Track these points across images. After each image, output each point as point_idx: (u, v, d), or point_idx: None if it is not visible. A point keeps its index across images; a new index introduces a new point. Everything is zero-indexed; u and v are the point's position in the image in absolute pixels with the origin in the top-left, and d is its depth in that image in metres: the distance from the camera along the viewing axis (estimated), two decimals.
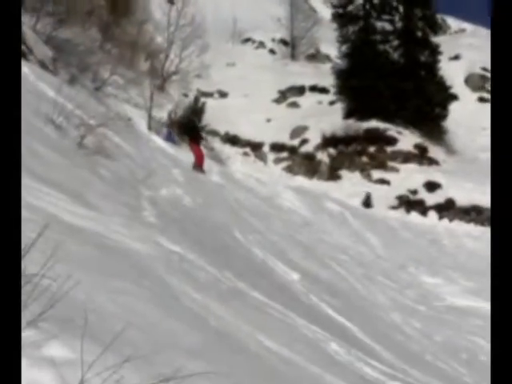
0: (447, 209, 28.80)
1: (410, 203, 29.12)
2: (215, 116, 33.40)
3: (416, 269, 21.14)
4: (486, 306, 18.51)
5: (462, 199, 29.01)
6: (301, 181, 29.77)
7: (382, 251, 22.13)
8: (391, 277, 19.38)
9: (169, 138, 27.25)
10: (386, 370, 10.42)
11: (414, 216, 28.15)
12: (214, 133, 33.74)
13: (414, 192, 29.65)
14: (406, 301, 17.47)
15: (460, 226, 27.60)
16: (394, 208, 28.53)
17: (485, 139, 36.56)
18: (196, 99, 33.61)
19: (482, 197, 29.08)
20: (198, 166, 19.85)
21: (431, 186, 29.89)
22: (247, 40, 51.29)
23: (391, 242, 23.59)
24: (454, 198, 29.12)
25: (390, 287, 18.20)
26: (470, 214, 28.51)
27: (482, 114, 39.78)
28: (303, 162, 32.48)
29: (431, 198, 29.34)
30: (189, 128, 20.71)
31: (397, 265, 21.03)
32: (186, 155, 23.69)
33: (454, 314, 17.46)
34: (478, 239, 26.40)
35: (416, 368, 11.89)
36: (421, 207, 28.96)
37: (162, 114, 27.38)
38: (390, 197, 28.98)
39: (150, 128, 23.96)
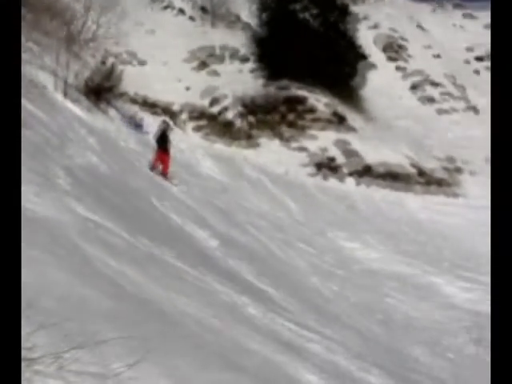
0: (364, 175, 29.30)
1: (328, 170, 29.48)
2: (133, 83, 32.90)
3: (334, 234, 21.46)
4: (400, 268, 19.04)
5: (379, 165, 29.57)
6: (220, 148, 29.72)
7: (300, 217, 22.37)
8: (310, 242, 19.62)
9: (137, 126, 26.80)
10: (303, 333, 10.61)
11: (332, 182, 28.52)
12: (132, 100, 33.25)
13: (332, 159, 30.03)
14: (325, 265, 17.75)
15: (376, 192, 28.15)
16: (311, 175, 28.85)
17: (401, 107, 37.29)
18: (113, 66, 32.99)
19: (398, 162, 29.76)
20: (164, 173, 19.17)
21: (349, 153, 30.32)
22: (167, 7, 50.46)
23: (310, 207, 23.87)
24: (371, 165, 29.65)
25: (308, 252, 18.44)
26: (386, 179, 29.12)
27: (399, 83, 40.53)
28: (222, 130, 32.37)
29: (349, 165, 29.78)
30: (159, 135, 19.75)
31: (315, 230, 21.30)
32: (102, 123, 23.32)
33: (371, 277, 17.86)
34: (393, 204, 27.02)
35: (333, 329, 12.15)
36: (339, 173, 29.38)
37: (78, 82, 26.77)
38: (308, 163, 29.26)
39: (65, 95, 23.40)
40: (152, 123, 25.69)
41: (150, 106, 33.85)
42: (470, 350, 13.26)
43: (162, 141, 19.40)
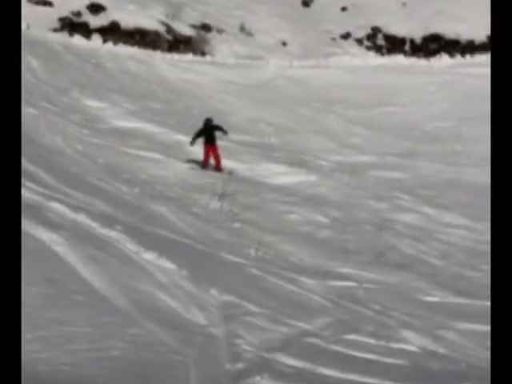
0: (111, 32, 28.30)
1: (73, 26, 28.08)
2: None
3: (80, 93, 20.81)
4: (146, 127, 18.97)
5: (127, 22, 28.68)
6: None
7: (43, 75, 21.29)
8: (53, 101, 18.88)
9: None
10: (44, 192, 10.29)
11: (78, 39, 27.22)
12: None
13: (78, 14, 28.58)
14: (69, 124, 17.24)
15: (124, 50, 27.36)
16: (55, 30, 27.30)
17: None
18: None
19: (146, 20, 29.13)
20: (219, 168, 16.50)
21: (95, 9, 29.05)
22: None
23: (53, 65, 22.74)
24: (119, 21, 28.67)
25: (51, 111, 17.76)
26: (135, 37, 28.37)
27: None
28: None
29: (95, 21, 28.54)
30: (206, 130, 16.86)
31: (59, 89, 20.48)
32: None
33: (117, 135, 17.63)
34: (141, 62, 26.55)
35: (77, 189, 11.89)
36: (84, 30, 28.09)
37: None
38: (51, 18, 27.59)
39: None
40: None
41: None
42: (214, 204, 13.63)
43: (210, 136, 16.89)
